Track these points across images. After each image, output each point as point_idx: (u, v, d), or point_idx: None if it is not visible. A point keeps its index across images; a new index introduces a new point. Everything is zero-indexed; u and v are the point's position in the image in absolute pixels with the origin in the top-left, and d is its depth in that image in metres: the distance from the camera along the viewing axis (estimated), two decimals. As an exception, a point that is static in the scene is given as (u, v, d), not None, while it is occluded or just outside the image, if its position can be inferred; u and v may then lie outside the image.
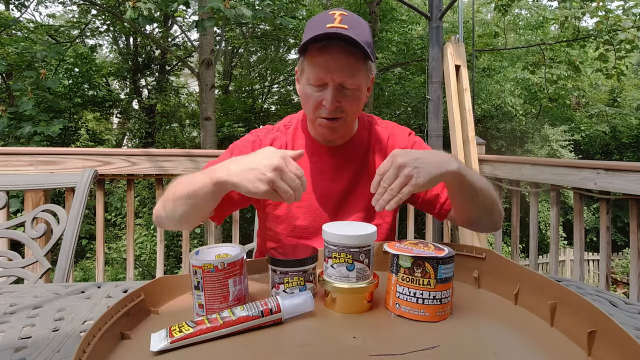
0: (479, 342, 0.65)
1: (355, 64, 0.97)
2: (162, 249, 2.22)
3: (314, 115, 1.02)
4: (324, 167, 1.10)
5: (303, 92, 1.03)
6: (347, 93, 0.99)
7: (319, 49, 0.95)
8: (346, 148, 1.12)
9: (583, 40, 6.58)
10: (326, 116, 1.00)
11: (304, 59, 1.00)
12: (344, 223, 0.84)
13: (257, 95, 10.90)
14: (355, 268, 0.75)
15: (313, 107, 1.00)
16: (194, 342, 0.63)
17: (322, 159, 1.10)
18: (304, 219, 1.09)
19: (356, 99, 1.01)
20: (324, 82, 0.97)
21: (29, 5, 7.77)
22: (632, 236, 1.83)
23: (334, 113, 0.99)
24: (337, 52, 0.95)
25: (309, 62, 0.98)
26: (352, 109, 1.01)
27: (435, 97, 3.86)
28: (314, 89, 0.99)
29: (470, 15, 8.32)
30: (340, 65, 0.95)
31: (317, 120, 1.02)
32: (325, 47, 0.95)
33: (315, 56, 0.97)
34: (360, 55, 0.96)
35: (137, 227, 7.48)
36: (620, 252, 10.12)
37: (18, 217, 1.28)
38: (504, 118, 11.12)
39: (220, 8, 3.14)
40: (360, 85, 1.00)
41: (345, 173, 1.10)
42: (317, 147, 1.11)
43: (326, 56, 0.95)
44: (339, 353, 0.62)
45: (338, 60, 0.95)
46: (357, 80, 0.98)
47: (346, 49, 0.94)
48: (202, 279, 0.70)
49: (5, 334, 0.72)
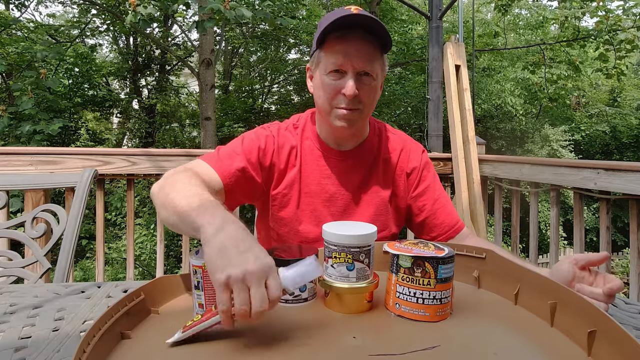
0: (479, 342, 0.65)
1: (374, 52, 0.97)
2: (162, 248, 2.22)
3: (330, 106, 0.99)
4: (331, 171, 1.08)
5: (319, 83, 1.01)
6: (365, 82, 0.98)
7: (338, 37, 0.96)
8: (356, 152, 1.10)
9: (583, 40, 6.59)
10: (344, 106, 0.98)
11: (321, 50, 1.00)
12: (345, 223, 0.84)
13: (257, 95, 10.91)
14: (356, 268, 0.75)
15: (330, 96, 0.98)
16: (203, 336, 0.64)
17: (330, 162, 1.08)
18: (307, 222, 1.08)
19: (373, 90, 1.00)
20: (344, 69, 0.96)
21: (29, 5, 7.77)
22: (632, 236, 1.83)
23: (352, 103, 0.97)
24: (357, 39, 0.95)
25: (327, 52, 0.98)
26: (369, 100, 1.00)
27: (435, 97, 3.86)
28: (331, 77, 0.98)
29: (470, 15, 8.32)
30: (361, 52, 0.96)
31: (333, 111, 1.00)
32: (345, 34, 0.96)
33: (334, 44, 0.96)
34: (378, 45, 0.98)
35: (137, 227, 7.48)
36: (620, 252, 10.12)
37: (18, 217, 1.28)
38: (504, 118, 11.12)
39: (220, 9, 3.14)
40: (378, 75, 1.00)
41: (353, 178, 1.09)
42: (325, 150, 1.09)
43: (346, 43, 0.96)
44: (339, 353, 0.62)
45: (358, 47, 0.96)
46: (375, 69, 0.98)
47: (365, 37, 0.96)
48: (202, 278, 0.70)
49: (5, 334, 0.72)
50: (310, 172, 1.08)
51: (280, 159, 1.07)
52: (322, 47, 0.99)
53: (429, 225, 1.13)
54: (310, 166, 1.08)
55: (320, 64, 1.00)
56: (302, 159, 1.08)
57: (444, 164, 2.75)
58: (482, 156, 2.77)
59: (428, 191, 1.13)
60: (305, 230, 1.08)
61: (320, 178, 1.07)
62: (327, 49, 0.98)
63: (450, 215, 1.13)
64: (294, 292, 0.77)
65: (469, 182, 2.70)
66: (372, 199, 1.10)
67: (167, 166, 2.14)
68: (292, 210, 1.08)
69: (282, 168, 1.07)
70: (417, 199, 1.13)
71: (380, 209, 1.10)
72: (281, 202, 1.08)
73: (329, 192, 1.07)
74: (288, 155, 1.07)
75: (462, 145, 2.78)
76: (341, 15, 0.92)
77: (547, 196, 3.89)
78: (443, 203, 1.13)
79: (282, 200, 1.08)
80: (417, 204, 1.13)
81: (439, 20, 3.96)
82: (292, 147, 1.08)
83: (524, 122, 11.16)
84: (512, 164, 2.49)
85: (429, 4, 4.10)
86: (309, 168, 1.08)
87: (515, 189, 2.49)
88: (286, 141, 1.08)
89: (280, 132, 1.09)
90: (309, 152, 1.09)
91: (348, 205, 1.08)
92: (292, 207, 1.08)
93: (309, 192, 1.07)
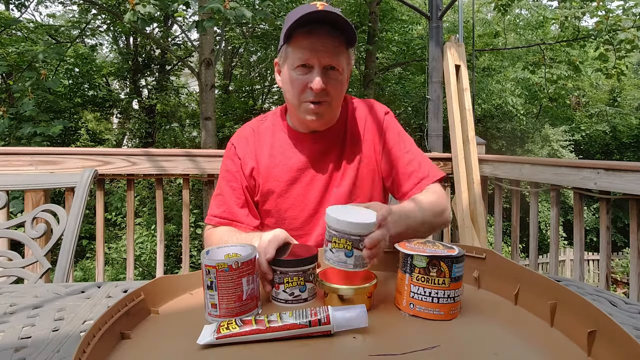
0: (479, 342, 0.65)
1: (340, 46, 1.01)
2: (162, 249, 2.22)
3: (299, 100, 1.03)
4: (307, 156, 1.11)
5: (287, 78, 1.04)
6: (332, 76, 1.01)
7: (305, 33, 0.99)
8: (326, 132, 1.12)
9: (583, 40, 6.59)
10: (312, 99, 1.01)
11: (288, 45, 1.02)
12: (349, 208, 0.83)
13: (258, 96, 10.91)
14: (354, 255, 0.75)
15: (299, 91, 1.02)
16: (236, 342, 0.63)
17: (305, 146, 1.12)
18: (292, 210, 1.11)
19: (340, 83, 1.03)
20: (311, 63, 0.99)
21: (29, 5, 7.77)
22: (632, 236, 1.82)
23: (320, 96, 1.00)
24: (323, 34, 0.98)
25: (294, 47, 1.01)
26: (336, 93, 1.03)
27: (435, 97, 3.86)
28: (299, 72, 1.01)
29: (471, 15, 8.32)
30: (327, 47, 0.99)
31: (302, 105, 1.03)
32: (312, 30, 0.98)
33: (301, 40, 0.99)
34: (344, 40, 1.01)
35: (137, 227, 7.48)
36: (620, 252, 10.12)
37: (18, 217, 1.28)
38: (504, 118, 11.12)
39: (220, 9, 3.14)
40: (344, 69, 1.03)
41: (328, 159, 1.12)
42: (299, 137, 1.13)
43: (313, 38, 0.98)
44: (339, 353, 0.62)
45: (325, 42, 0.98)
46: (341, 63, 1.02)
47: (332, 32, 0.99)
48: (216, 278, 0.70)
49: (5, 334, 0.72)
50: (287, 160, 1.11)
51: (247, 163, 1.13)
52: (289, 42, 1.02)
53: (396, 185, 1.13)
54: (286, 155, 1.12)
55: (287, 58, 1.03)
56: (271, 151, 1.12)
57: (444, 164, 2.75)
58: (482, 156, 2.77)
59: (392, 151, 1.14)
60: (291, 217, 1.12)
61: (299, 163, 1.11)
62: (294, 44, 1.01)
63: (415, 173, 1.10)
64: (294, 292, 0.78)
65: (469, 182, 2.70)
66: (350, 173, 1.12)
67: (167, 166, 2.14)
68: (274, 200, 1.12)
69: (252, 168, 1.13)
70: (383, 161, 1.14)
71: (360, 181, 1.12)
72: (262, 196, 1.13)
73: (309, 176, 1.11)
74: (253, 156, 1.13)
75: (462, 145, 2.78)
76: (307, 11, 0.95)
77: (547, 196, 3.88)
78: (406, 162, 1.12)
79: (262, 194, 1.13)
80: (383, 166, 1.14)
81: (439, 20, 3.96)
82: (254, 147, 1.13)
83: (524, 122, 11.16)
84: (512, 164, 2.49)
85: (429, 3, 4.10)
86: (283, 156, 1.12)
87: (515, 189, 2.49)
88: (248, 145, 1.14)
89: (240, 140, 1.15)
90: (284, 142, 1.13)
91: (329, 183, 1.11)
92: (273, 197, 1.12)
93: (290, 178, 1.11)
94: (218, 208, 1.12)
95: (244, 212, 1.12)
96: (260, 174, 1.12)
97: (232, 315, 0.70)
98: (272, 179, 1.12)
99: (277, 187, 1.11)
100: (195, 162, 2.17)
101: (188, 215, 2.25)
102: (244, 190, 1.13)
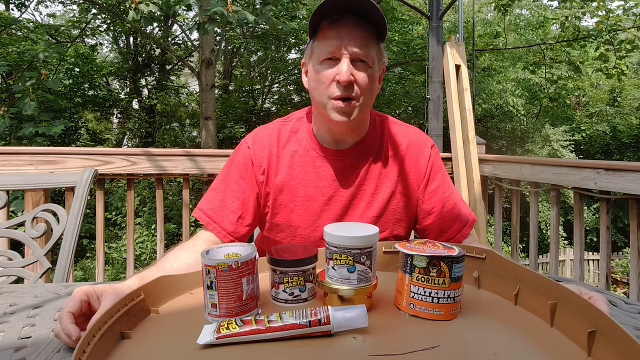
0: (478, 342, 0.65)
1: (368, 37, 0.93)
2: (162, 248, 2.23)
3: (326, 97, 0.94)
4: (329, 172, 1.03)
5: (313, 74, 0.97)
6: (360, 67, 0.93)
7: (331, 24, 0.93)
8: (354, 150, 1.04)
9: (583, 40, 6.59)
10: (340, 94, 0.92)
11: (314, 41, 0.97)
12: (346, 224, 0.83)
13: (258, 95, 10.91)
14: (357, 270, 0.74)
15: (325, 85, 0.94)
16: (236, 342, 0.63)
17: (327, 163, 1.03)
18: (304, 228, 1.04)
19: (370, 77, 0.94)
20: (337, 55, 0.92)
21: (29, 5, 7.77)
22: (632, 236, 1.82)
23: (348, 90, 0.92)
24: (350, 24, 0.92)
25: (320, 40, 0.94)
26: (366, 88, 0.94)
27: (435, 97, 3.86)
28: (325, 66, 0.94)
29: (471, 15, 8.32)
30: (354, 36, 0.92)
31: (329, 103, 0.94)
32: (337, 20, 0.92)
33: (327, 31, 0.93)
34: (372, 31, 0.94)
35: (137, 227, 7.48)
36: (620, 252, 10.12)
37: (18, 216, 1.28)
38: (505, 118, 11.13)
39: (223, 13, 3.13)
40: (375, 63, 0.95)
41: (352, 177, 1.04)
42: (322, 151, 1.04)
43: (339, 28, 0.92)
44: (339, 353, 0.62)
45: (352, 32, 0.92)
46: (371, 55, 0.94)
47: (359, 22, 0.93)
48: (216, 278, 0.69)
49: (5, 334, 0.72)
50: (306, 175, 1.03)
51: (261, 168, 1.05)
52: (315, 36, 0.96)
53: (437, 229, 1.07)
54: (305, 168, 1.03)
55: (313, 54, 0.97)
56: (291, 161, 1.04)
57: (444, 164, 2.74)
58: (482, 156, 2.77)
59: (437, 193, 1.07)
60: (302, 235, 1.05)
61: (317, 180, 1.03)
62: (319, 38, 0.95)
63: (458, 219, 1.07)
64: (294, 292, 0.77)
65: (469, 182, 2.70)
66: (373, 199, 1.04)
67: (167, 166, 2.14)
68: (286, 215, 1.05)
69: (266, 175, 1.05)
70: (425, 201, 1.07)
71: (381, 209, 1.05)
72: (273, 208, 1.06)
73: (327, 194, 1.03)
74: (268, 162, 1.04)
75: (462, 145, 2.78)
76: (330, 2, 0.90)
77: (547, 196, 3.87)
78: (451, 206, 1.07)
79: (273, 206, 1.05)
80: (424, 206, 1.07)
81: (439, 20, 3.96)
82: (270, 153, 1.04)
83: (524, 122, 11.17)
84: (512, 164, 2.49)
85: (429, 3, 4.10)
86: (304, 170, 1.04)
87: (515, 189, 2.49)
88: (264, 148, 1.05)
89: (256, 142, 1.06)
90: (305, 154, 1.04)
91: (347, 206, 1.04)
92: (285, 212, 1.04)
93: (305, 195, 1.03)
94: (208, 203, 1.05)
95: (233, 217, 1.02)
96: (275, 184, 1.04)
97: (232, 315, 0.70)
98: (287, 191, 1.03)
99: (290, 202, 1.03)
100: (195, 162, 2.17)
101: (188, 215, 2.25)
102: (246, 193, 1.04)
